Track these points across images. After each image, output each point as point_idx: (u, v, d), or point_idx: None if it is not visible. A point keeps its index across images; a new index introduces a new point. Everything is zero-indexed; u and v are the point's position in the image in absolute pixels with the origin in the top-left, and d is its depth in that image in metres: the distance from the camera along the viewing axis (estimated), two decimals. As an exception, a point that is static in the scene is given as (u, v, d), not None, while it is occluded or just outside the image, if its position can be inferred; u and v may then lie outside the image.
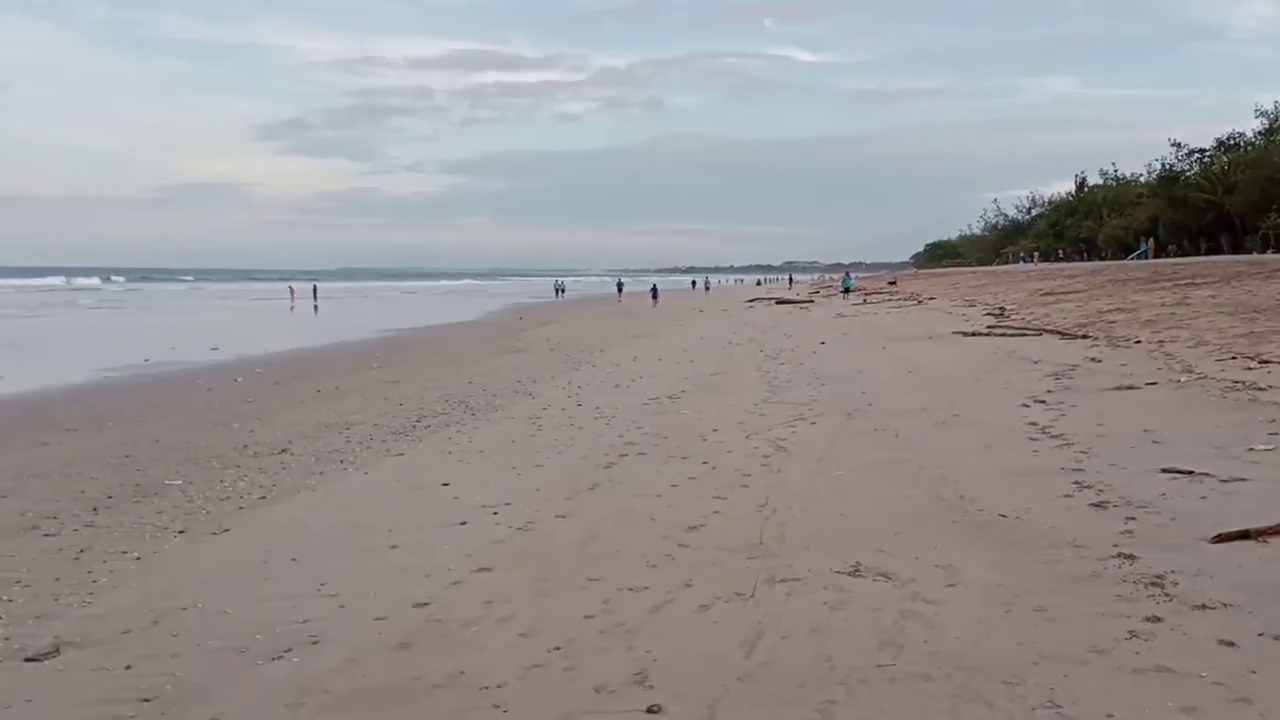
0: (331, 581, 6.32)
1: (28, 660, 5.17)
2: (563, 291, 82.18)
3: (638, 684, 4.67)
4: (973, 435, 10.54)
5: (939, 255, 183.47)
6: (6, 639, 5.48)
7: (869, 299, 51.23)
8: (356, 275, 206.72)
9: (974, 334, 23.90)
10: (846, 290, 56.49)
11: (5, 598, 6.18)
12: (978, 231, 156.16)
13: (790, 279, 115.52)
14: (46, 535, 7.66)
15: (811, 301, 52.96)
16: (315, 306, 58.80)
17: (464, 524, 7.72)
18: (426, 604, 5.86)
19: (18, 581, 6.50)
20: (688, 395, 14.87)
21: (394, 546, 7.14)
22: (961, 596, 5.69)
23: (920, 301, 44.57)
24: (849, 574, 6.12)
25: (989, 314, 31.12)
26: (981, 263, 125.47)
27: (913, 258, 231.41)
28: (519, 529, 7.55)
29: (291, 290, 74.80)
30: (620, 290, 73.01)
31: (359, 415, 13.70)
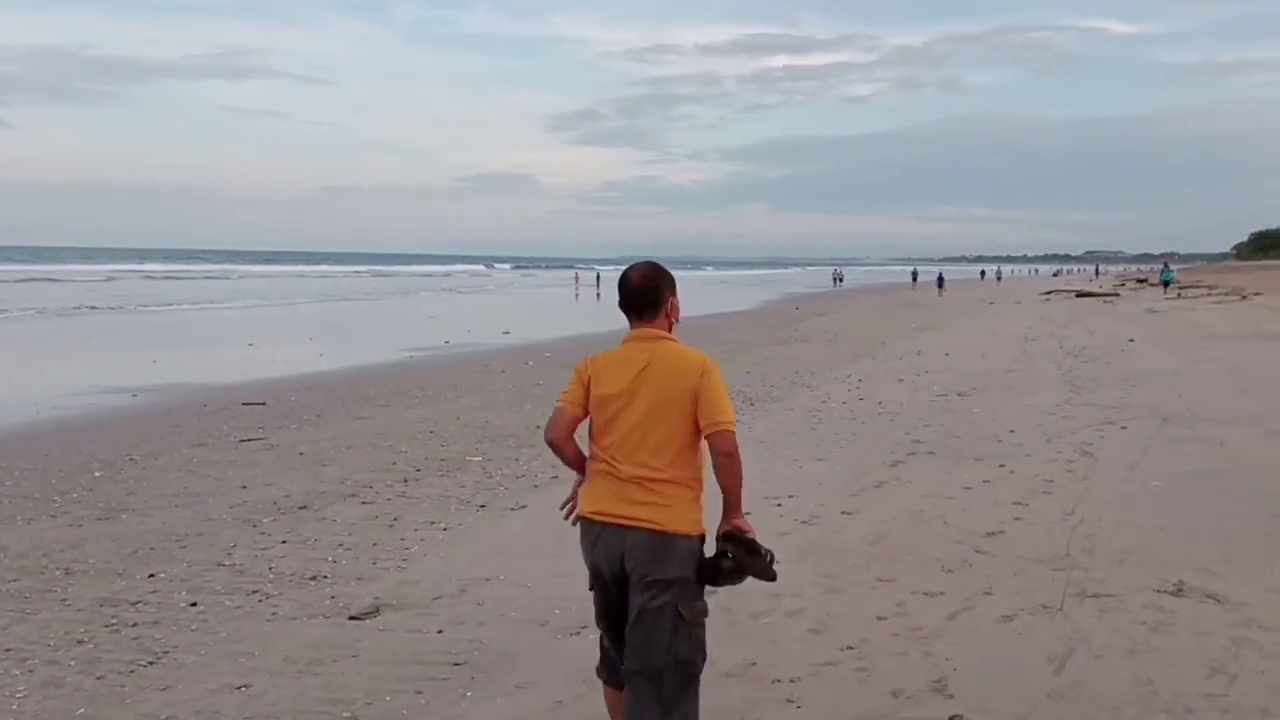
0: (621, 563, 6.44)
1: (351, 618, 5.60)
2: (841, 280, 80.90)
3: (937, 692, 4.43)
4: (1316, 447, 9.32)
5: (1266, 246, 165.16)
6: (333, 597, 5.97)
7: (1183, 293, 46.86)
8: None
9: (1312, 333, 21.27)
10: (1166, 284, 51.60)
11: (330, 559, 6.75)
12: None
13: (1097, 270, 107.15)
14: (364, 503, 8.33)
15: (1117, 295, 49.12)
16: (598, 294, 61.08)
17: (748, 514, 7.62)
18: (714, 592, 5.82)
19: (340, 545, 7.09)
20: (979, 393, 14.13)
21: (680, 532, 7.18)
22: (1307, 627, 5.00)
23: (1244, 297, 40.26)
24: (1170, 593, 5.53)
25: (1329, 311, 27.61)
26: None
27: (1234, 248, 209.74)
28: (803, 522, 7.41)
29: (577, 277, 78.23)
30: (915, 279, 71.13)
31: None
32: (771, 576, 3.71)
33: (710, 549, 3.59)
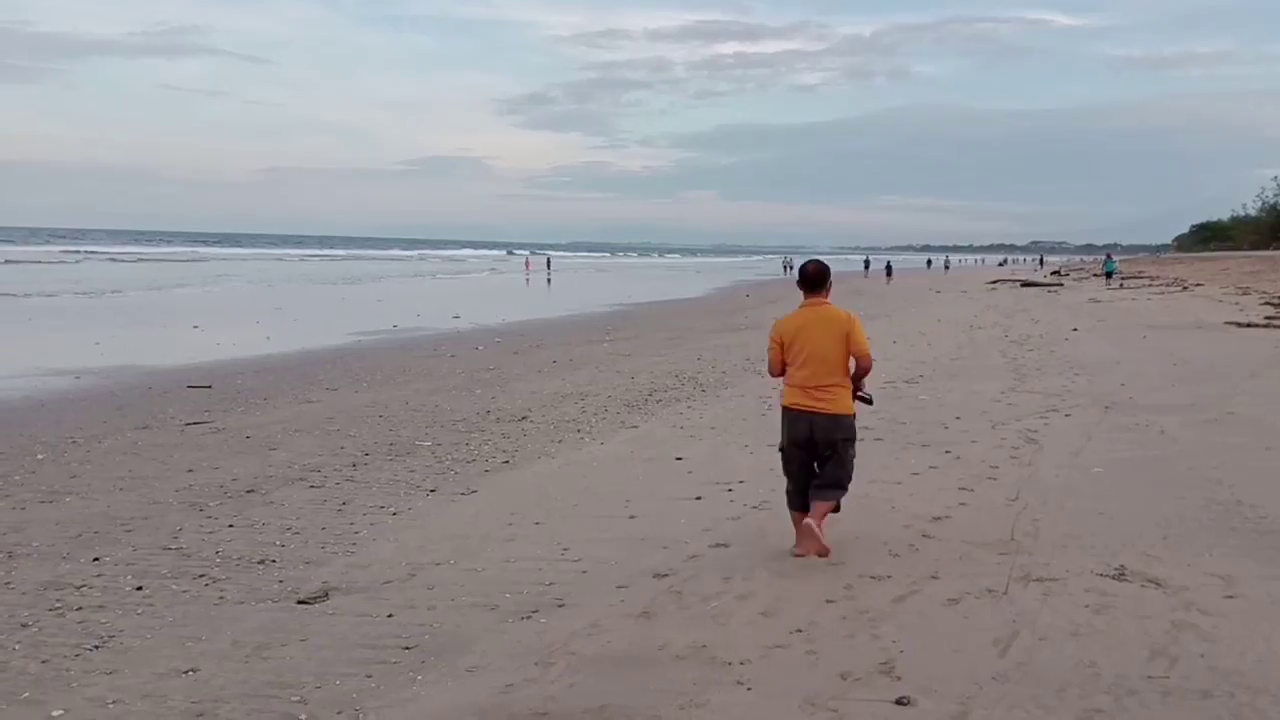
0: (573, 547, 6.47)
1: (300, 602, 5.56)
2: (790, 268, 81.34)
3: (884, 674, 4.50)
4: (1251, 435, 9.58)
5: (1206, 238, 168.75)
6: (281, 581, 5.92)
7: (1125, 284, 47.80)
8: (586, 248, 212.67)
9: (1249, 325, 21.81)
10: (1109, 274, 52.47)
11: (278, 543, 6.69)
12: (1254, 213, 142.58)
13: (1041, 260, 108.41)
14: (312, 487, 8.25)
15: (1060, 284, 49.95)
16: (548, 279, 60.92)
17: (699, 499, 7.72)
18: (666, 575, 5.88)
19: (289, 529, 7.02)
20: (926, 380, 14.32)
21: (632, 517, 7.23)
22: (1242, 610, 5.15)
23: (1185, 288, 41.17)
24: (1113, 577, 5.66)
25: (1267, 303, 28.32)
26: (1255, 247, 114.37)
27: (1175, 240, 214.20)
28: (754, 507, 7.48)
29: (527, 262, 77.90)
30: (867, 267, 71.74)
31: (593, 387, 14.03)
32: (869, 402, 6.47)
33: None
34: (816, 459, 6.17)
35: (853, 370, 6.13)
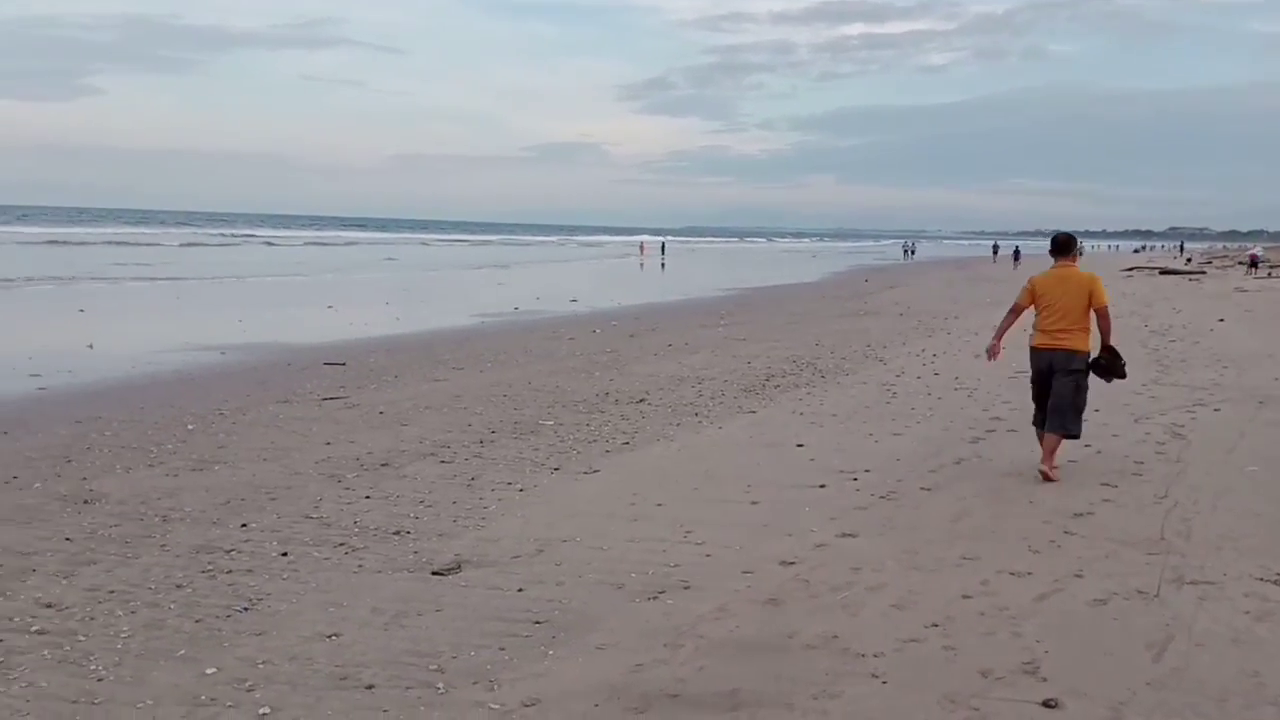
0: (696, 530, 6.47)
1: (434, 573, 5.70)
2: (912, 253, 79.59)
3: (1028, 674, 4.36)
4: None
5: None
6: (416, 552, 6.08)
7: (1274, 273, 45.19)
8: (702, 233, 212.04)
9: None
10: (1255, 264, 49.57)
11: (412, 515, 6.87)
12: None
13: (1181, 246, 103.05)
14: (443, 462, 8.45)
15: (1203, 273, 47.55)
16: (662, 264, 61.01)
17: (823, 487, 7.63)
18: (793, 563, 5.83)
19: (421, 502, 7.21)
20: (1058, 370, 13.82)
21: (754, 502, 7.18)
22: None
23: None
24: (1274, 582, 5.38)
25: None
26: None
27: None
28: (881, 497, 7.34)
29: (642, 246, 78.19)
30: (996, 252, 69.73)
31: (709, 370, 14.00)
32: (1123, 374, 8.20)
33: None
34: (1051, 389, 7.83)
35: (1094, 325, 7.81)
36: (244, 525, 6.57)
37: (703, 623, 4.93)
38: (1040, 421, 7.96)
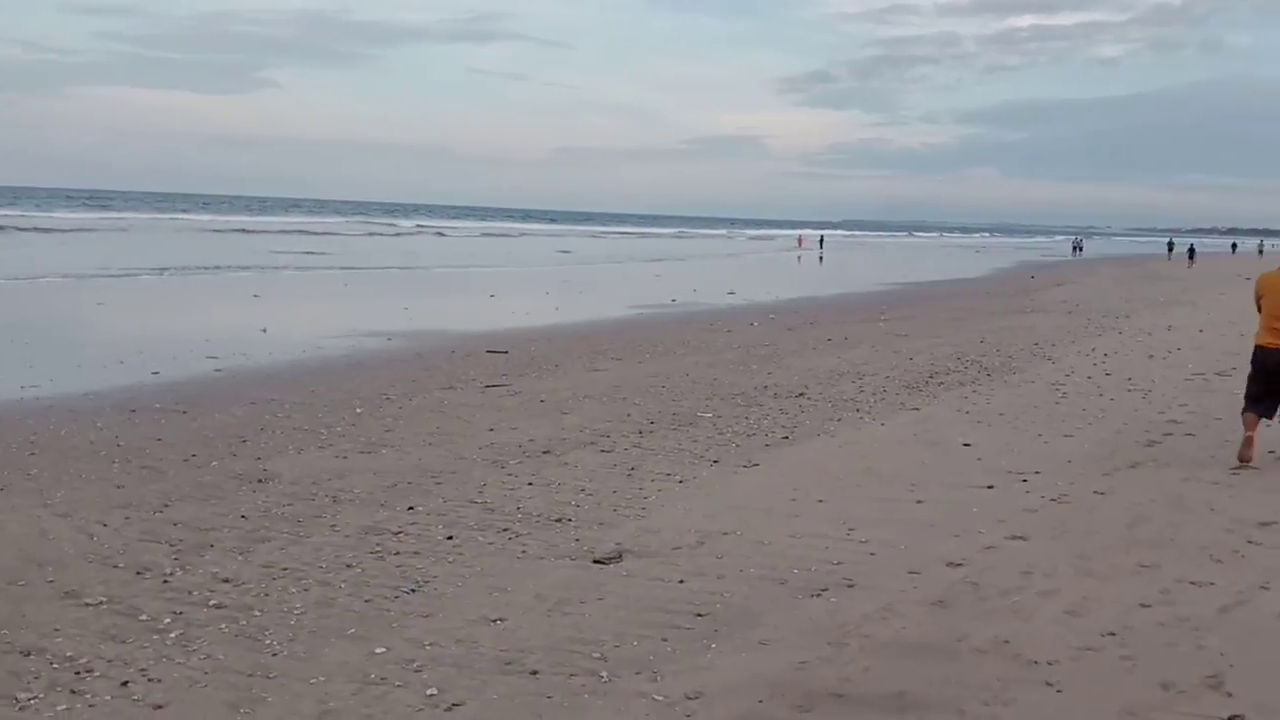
0: (859, 527, 6.31)
1: (595, 562, 5.75)
2: (1080, 250, 75.99)
3: (1212, 689, 4.09)
4: None
5: None
6: (578, 540, 6.15)
7: None
8: (860, 226, 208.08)
9: None
10: None
11: (573, 503, 6.96)
12: None
13: None
14: (603, 451, 8.53)
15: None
16: (820, 257, 60.16)
17: (990, 488, 7.34)
18: (960, 564, 5.62)
19: (582, 490, 7.29)
20: (1241, 373, 12.88)
21: (919, 501, 6.97)
22: None
23: None
24: None
25: None
26: None
27: None
28: (1052, 500, 7.02)
29: (800, 240, 77.45)
30: (1171, 249, 66.00)
31: (870, 366, 13.69)
32: None
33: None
34: (1273, 391, 7.90)
35: None
36: (410, 508, 6.79)
37: (868, 622, 4.80)
38: (1252, 410, 8.03)
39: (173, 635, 4.69)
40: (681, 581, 5.40)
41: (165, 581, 5.36)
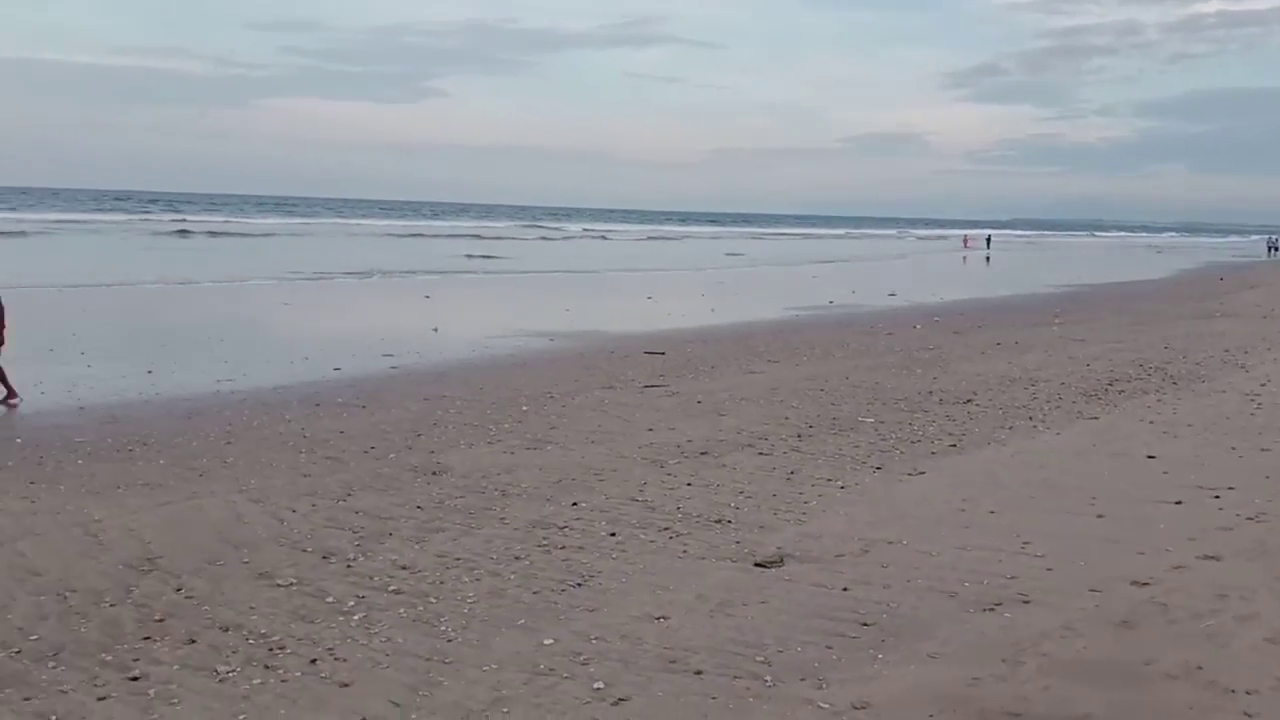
0: (1034, 541, 6.06)
1: (757, 565, 5.71)
2: (1276, 250, 70.79)
3: None
4: None
5: None
6: (738, 542, 6.13)
7: None
8: (1030, 225, 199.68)
9: None
10: None
11: (733, 505, 6.94)
12: None
13: None
14: (761, 454, 8.47)
15: None
16: (987, 257, 58.16)
17: (1179, 503, 6.92)
18: (1146, 584, 5.33)
19: (741, 492, 7.26)
20: None
21: (1100, 516, 6.63)
22: None
23: None
24: None
25: None
26: None
27: None
28: (1249, 518, 6.57)
29: (965, 240, 75.14)
30: (1272, 250, 60.83)
31: (1043, 372, 13.13)
32: None
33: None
34: None
35: None
36: (575, 504, 6.91)
37: (1046, 640, 4.60)
38: None
39: (356, 618, 4.93)
40: (845, 589, 5.30)
41: (349, 566, 5.64)
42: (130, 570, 5.52)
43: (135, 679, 4.26)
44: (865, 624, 4.84)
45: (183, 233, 53.49)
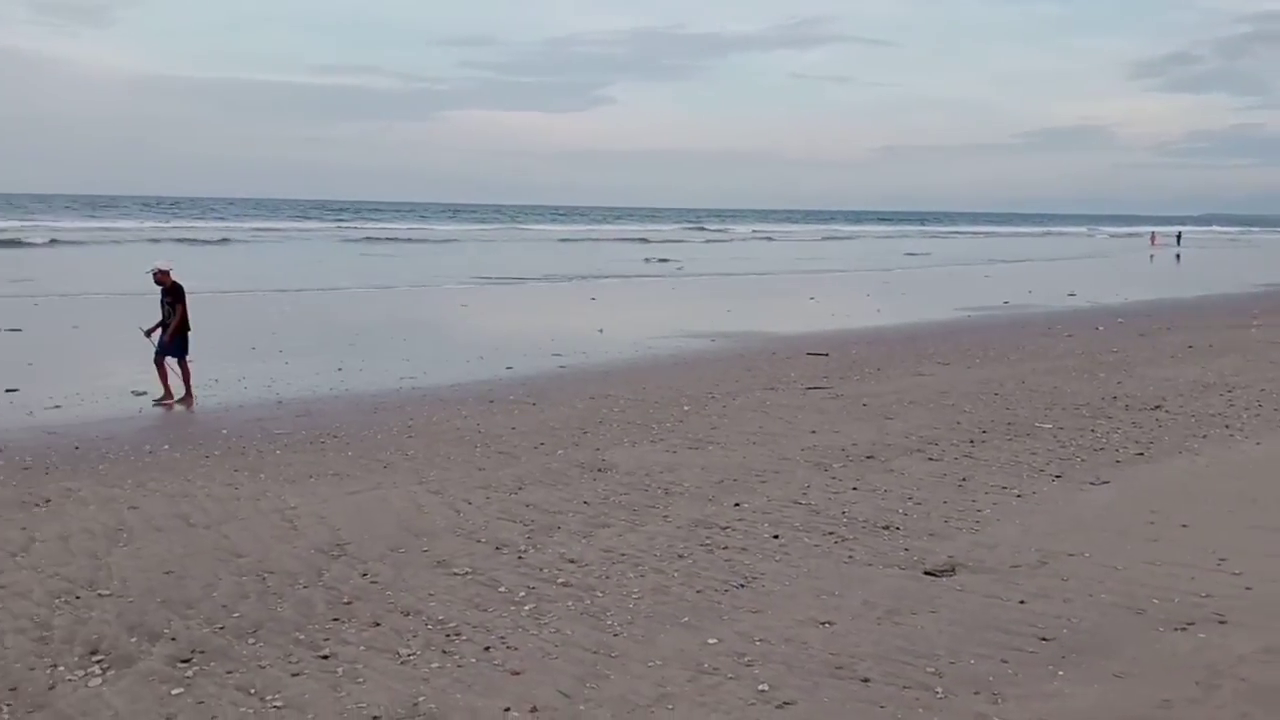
0: (1232, 558, 5.68)
1: (926, 573, 5.57)
2: None
3: None
4: None
5: None
6: (906, 549, 5.99)
7: None
8: (1228, 221, 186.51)
9: None
10: None
11: (901, 511, 6.78)
12: None
13: None
14: (930, 459, 8.25)
15: None
16: (1177, 255, 54.79)
17: None
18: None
19: (910, 498, 7.09)
20: None
21: (1307, 533, 6.15)
22: None
23: None
24: None
25: None
26: None
27: None
28: None
29: (1153, 237, 71.12)
30: None
31: (1241, 377, 12.28)
32: None
33: None
34: None
35: None
36: (737, 504, 6.91)
37: (1244, 664, 4.30)
38: None
39: (527, 608, 5.08)
40: (1022, 602, 5.11)
41: (520, 558, 5.82)
42: (321, 555, 5.86)
43: (325, 657, 4.52)
44: (1044, 638, 4.64)
45: (369, 239, 56.15)
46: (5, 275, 26.16)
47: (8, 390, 11.23)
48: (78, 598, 5.18)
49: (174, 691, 4.20)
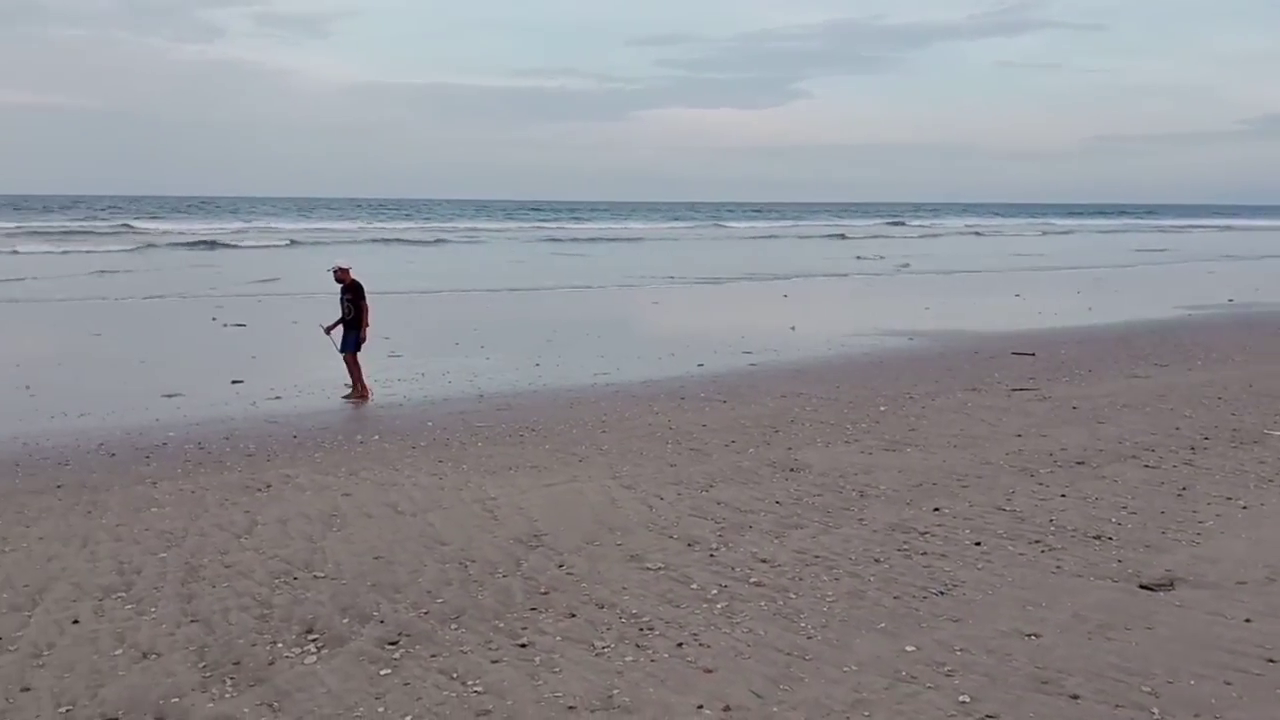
0: None
1: (1142, 587, 5.26)
2: None
3: None
4: None
5: None
6: (1119, 561, 5.67)
7: None
8: None
9: None
10: None
11: (1113, 520, 6.43)
12: None
13: None
14: (1146, 466, 7.78)
15: None
16: None
17: None
18: None
19: (1123, 507, 6.71)
20: None
21: None
22: None
23: None
24: None
25: None
26: None
27: None
28: None
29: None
30: None
31: None
32: None
33: None
34: None
35: None
36: (936, 509, 6.72)
37: None
38: None
39: (719, 606, 5.12)
40: (1248, 620, 4.75)
41: (711, 555, 5.87)
42: (520, 545, 6.10)
43: (524, 646, 4.70)
44: (1272, 660, 4.31)
45: (574, 240, 57.49)
46: (247, 275, 28.31)
47: (234, 382, 12.14)
48: (295, 579, 5.58)
49: (383, 672, 4.46)
